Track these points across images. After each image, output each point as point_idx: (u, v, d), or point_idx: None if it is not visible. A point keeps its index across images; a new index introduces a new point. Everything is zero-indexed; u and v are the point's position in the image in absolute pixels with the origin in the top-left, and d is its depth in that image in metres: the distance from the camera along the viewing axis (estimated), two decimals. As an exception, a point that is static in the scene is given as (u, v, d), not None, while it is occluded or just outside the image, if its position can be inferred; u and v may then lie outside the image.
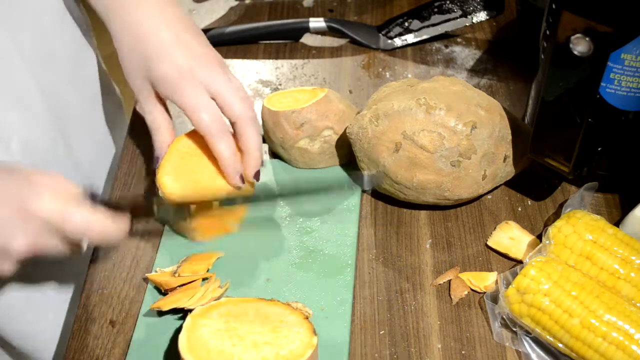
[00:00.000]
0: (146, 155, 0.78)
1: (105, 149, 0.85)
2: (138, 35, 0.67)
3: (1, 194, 0.55)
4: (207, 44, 0.69)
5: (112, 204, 0.59)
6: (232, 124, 0.66)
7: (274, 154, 0.77)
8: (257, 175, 0.67)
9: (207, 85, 0.66)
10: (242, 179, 0.66)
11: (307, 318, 0.57)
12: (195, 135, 0.69)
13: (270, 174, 0.75)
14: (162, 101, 0.69)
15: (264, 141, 0.77)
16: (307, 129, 0.72)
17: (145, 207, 0.65)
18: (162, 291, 0.63)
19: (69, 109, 0.76)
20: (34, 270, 0.72)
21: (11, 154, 0.68)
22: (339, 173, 0.75)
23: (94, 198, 0.58)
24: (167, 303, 0.60)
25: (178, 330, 0.60)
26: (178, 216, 0.67)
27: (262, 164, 0.68)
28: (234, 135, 0.67)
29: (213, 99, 0.66)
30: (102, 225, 0.57)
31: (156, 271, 0.65)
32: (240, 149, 0.66)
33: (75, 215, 0.55)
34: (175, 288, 0.62)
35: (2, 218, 0.54)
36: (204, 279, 0.64)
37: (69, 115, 0.76)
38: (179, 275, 0.63)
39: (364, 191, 0.73)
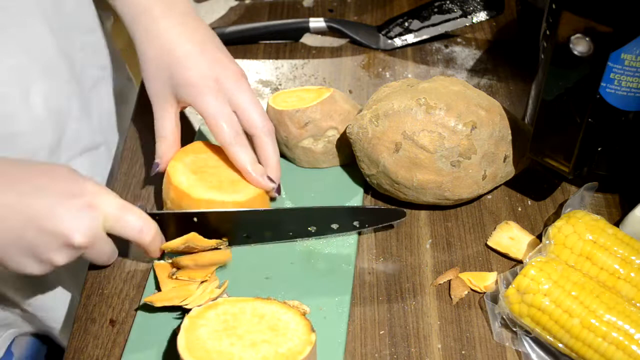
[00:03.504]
0: (146, 156, 0.78)
1: (114, 121, 0.87)
2: (163, 45, 0.68)
3: (73, 187, 0.58)
4: (230, 56, 0.71)
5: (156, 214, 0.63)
6: (251, 137, 0.68)
7: None
8: (278, 190, 0.69)
9: (230, 96, 0.67)
10: (272, 180, 0.68)
11: (304, 315, 0.57)
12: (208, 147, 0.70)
13: None
14: (176, 111, 0.69)
15: None
16: (311, 128, 0.72)
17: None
18: (169, 274, 0.64)
19: (84, 73, 0.78)
20: None
21: (30, 107, 0.70)
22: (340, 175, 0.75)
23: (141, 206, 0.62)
24: (160, 300, 0.60)
25: (175, 330, 0.60)
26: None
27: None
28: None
29: (234, 110, 0.67)
30: (155, 231, 0.61)
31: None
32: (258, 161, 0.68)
33: (133, 215, 0.60)
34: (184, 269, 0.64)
35: (69, 210, 0.57)
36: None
37: (81, 79, 0.77)
38: (176, 278, 0.63)
39: (366, 192, 0.73)
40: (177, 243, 0.63)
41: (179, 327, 0.56)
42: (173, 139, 0.69)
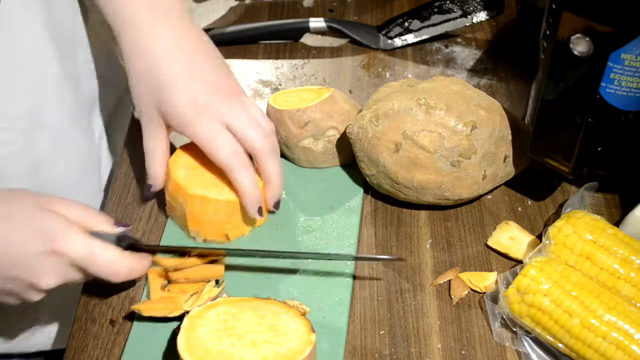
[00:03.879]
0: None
1: (115, 122, 0.86)
2: (149, 62, 0.65)
3: (33, 229, 0.56)
4: (222, 69, 0.67)
5: (138, 244, 0.62)
6: (252, 155, 0.66)
7: None
8: (277, 205, 0.68)
9: (224, 119, 0.64)
10: (260, 211, 0.66)
11: (304, 315, 0.57)
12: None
13: None
14: (165, 132, 0.67)
15: None
16: (311, 128, 0.72)
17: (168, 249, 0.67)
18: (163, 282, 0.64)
19: (84, 90, 0.77)
20: None
21: (36, 148, 0.69)
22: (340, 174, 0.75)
23: (123, 233, 0.60)
24: (148, 309, 0.60)
25: (175, 330, 0.60)
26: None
27: (282, 194, 0.68)
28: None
29: (230, 131, 0.65)
30: (129, 268, 0.59)
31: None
32: (260, 178, 0.67)
33: (103, 257, 0.57)
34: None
35: (32, 255, 0.55)
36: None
37: (84, 96, 0.77)
38: (168, 290, 0.63)
39: (366, 192, 0.73)
40: (170, 264, 0.63)
41: (179, 327, 0.56)
42: (162, 159, 0.67)
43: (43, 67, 0.68)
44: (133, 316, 0.62)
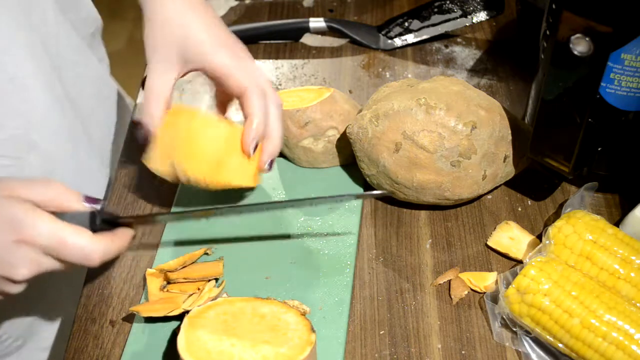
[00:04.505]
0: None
1: (109, 142, 0.86)
2: (173, 15, 0.65)
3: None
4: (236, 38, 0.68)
5: (113, 218, 0.59)
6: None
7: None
8: (270, 164, 0.66)
9: (242, 61, 0.66)
10: (255, 149, 0.65)
11: (304, 315, 0.57)
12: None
13: (275, 172, 0.75)
14: (177, 77, 0.66)
15: None
16: (311, 128, 0.72)
17: (146, 219, 0.66)
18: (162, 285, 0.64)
19: (77, 111, 0.76)
20: None
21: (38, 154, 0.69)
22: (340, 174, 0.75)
23: (96, 209, 0.57)
24: (146, 310, 0.60)
25: (175, 330, 0.60)
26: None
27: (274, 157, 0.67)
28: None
29: None
30: (102, 251, 0.56)
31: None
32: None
33: (74, 243, 0.54)
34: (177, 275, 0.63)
35: (2, 248, 0.53)
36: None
37: (77, 116, 0.76)
38: (167, 291, 0.63)
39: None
40: (172, 265, 0.63)
41: (178, 327, 0.56)
42: (165, 96, 0.65)
43: (28, 92, 0.68)
44: (132, 317, 0.62)
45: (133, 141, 0.80)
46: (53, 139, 0.71)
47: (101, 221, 0.58)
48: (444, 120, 0.64)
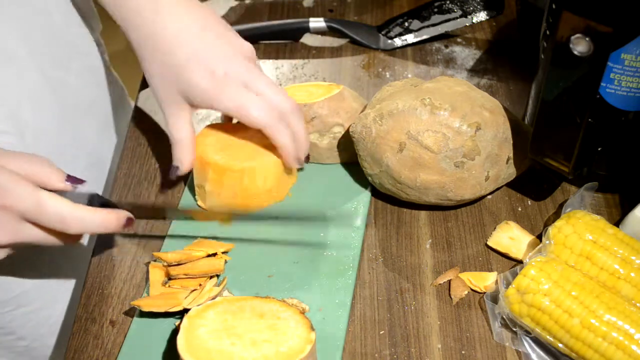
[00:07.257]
0: (146, 157, 0.78)
1: (110, 134, 0.86)
2: (160, 46, 0.65)
3: None
4: (233, 35, 0.68)
5: (112, 204, 0.59)
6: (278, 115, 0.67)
7: None
8: (307, 159, 0.70)
9: (246, 83, 0.66)
10: (300, 161, 0.69)
11: (303, 313, 0.57)
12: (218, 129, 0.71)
13: None
14: (189, 113, 0.68)
15: None
16: (317, 123, 0.72)
17: (152, 210, 0.67)
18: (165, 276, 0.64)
19: (76, 98, 0.76)
20: (38, 256, 0.73)
21: (26, 145, 0.69)
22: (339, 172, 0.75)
23: (92, 196, 0.58)
24: (148, 305, 0.60)
25: (175, 330, 0.60)
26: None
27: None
28: None
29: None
30: (80, 218, 0.56)
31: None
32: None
33: (53, 206, 0.54)
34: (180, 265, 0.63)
35: None
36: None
37: (76, 103, 0.76)
38: (169, 286, 0.63)
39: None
40: (173, 258, 0.63)
41: (178, 327, 0.56)
42: (190, 141, 0.68)
43: (20, 75, 0.68)
44: (133, 313, 0.62)
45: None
46: (45, 121, 0.71)
47: (100, 205, 0.58)
48: (449, 121, 0.64)
